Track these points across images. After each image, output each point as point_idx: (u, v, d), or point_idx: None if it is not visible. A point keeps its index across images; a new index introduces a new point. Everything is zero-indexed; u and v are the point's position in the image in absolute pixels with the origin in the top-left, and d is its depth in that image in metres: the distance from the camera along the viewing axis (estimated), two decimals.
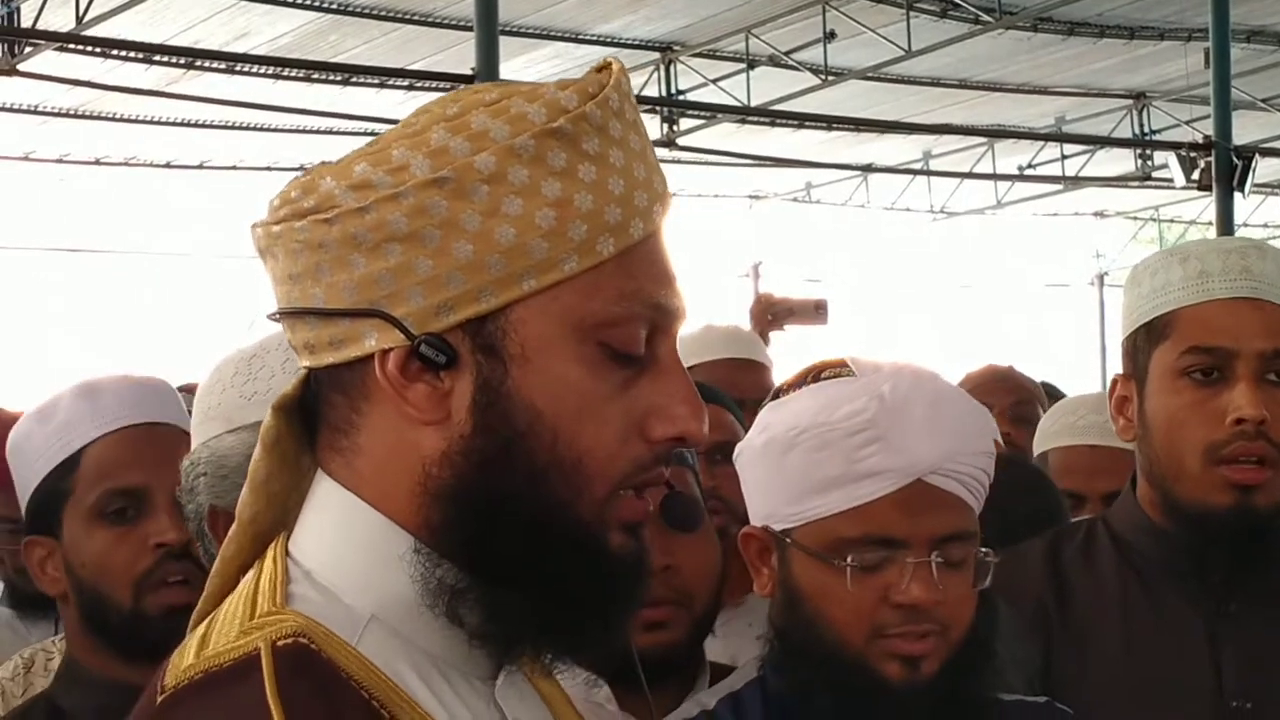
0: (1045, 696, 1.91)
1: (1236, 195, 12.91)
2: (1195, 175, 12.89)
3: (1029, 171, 17.60)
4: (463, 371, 1.13)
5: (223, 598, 1.21)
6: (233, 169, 15.39)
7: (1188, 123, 15.52)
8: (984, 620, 1.74)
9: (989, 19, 12.98)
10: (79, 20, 10.97)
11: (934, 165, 17.70)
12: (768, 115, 14.76)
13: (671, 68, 13.99)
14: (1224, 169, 12.68)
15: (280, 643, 1.10)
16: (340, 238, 1.13)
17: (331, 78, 12.83)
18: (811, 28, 12.96)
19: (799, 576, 1.74)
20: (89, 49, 11.67)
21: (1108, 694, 2.00)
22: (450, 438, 1.13)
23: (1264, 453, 1.96)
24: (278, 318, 1.19)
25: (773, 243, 19.26)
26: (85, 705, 2.07)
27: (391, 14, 12.07)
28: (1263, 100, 15.64)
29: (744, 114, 14.35)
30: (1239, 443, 1.96)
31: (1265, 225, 21.10)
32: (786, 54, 13.48)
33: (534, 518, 1.13)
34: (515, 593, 1.14)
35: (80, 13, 10.94)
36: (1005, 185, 18.35)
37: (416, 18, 12.15)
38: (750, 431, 1.82)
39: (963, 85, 15.06)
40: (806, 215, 19.58)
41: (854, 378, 1.74)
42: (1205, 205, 17.01)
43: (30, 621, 3.07)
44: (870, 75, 14.04)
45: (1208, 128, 13.22)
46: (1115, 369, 2.18)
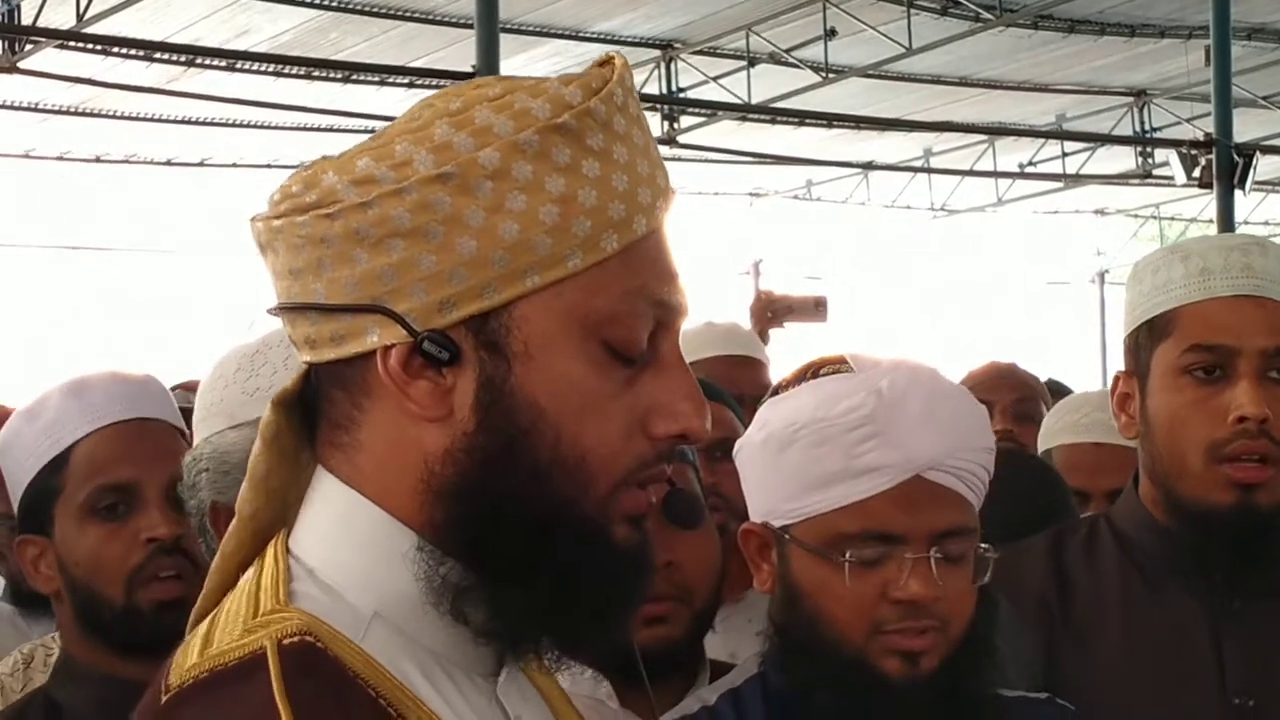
0: (1047, 693, 1.90)
1: (1237, 193, 12.90)
2: (1196, 173, 12.88)
3: (1029, 169, 17.60)
4: (465, 368, 1.12)
5: (222, 594, 1.20)
6: (233, 167, 15.39)
7: (1188, 120, 15.52)
8: (984, 616, 1.74)
9: (990, 16, 12.98)
10: (79, 18, 10.97)
11: (934, 163, 17.69)
12: (768, 113, 14.75)
13: (672, 65, 13.98)
14: (1225, 166, 12.67)
15: (286, 641, 1.09)
16: (343, 233, 1.12)
17: (332, 75, 12.84)
18: (812, 25, 12.95)
19: (798, 573, 1.73)
20: (89, 46, 11.65)
21: (1110, 691, 2.00)
22: (453, 435, 1.13)
23: (1266, 451, 1.96)
24: (278, 312, 1.19)
25: (773, 240, 19.24)
26: (82, 700, 2.07)
27: (392, 11, 12.07)
28: (1263, 98, 15.63)
29: (744, 111, 14.35)
30: (1241, 441, 1.96)
31: (1266, 223, 21.08)
32: (787, 51, 13.47)
33: (537, 515, 1.12)
34: (520, 590, 1.13)
35: (81, 10, 10.94)
36: (1006, 183, 18.35)
37: (417, 15, 12.15)
38: (749, 428, 1.82)
39: (963, 83, 15.05)
40: (807, 213, 19.58)
41: (852, 374, 1.74)
42: (1206, 203, 17.00)
43: (32, 618, 3.06)
44: (871, 73, 14.04)
45: (1208, 125, 13.22)
46: (1116, 367, 2.18)
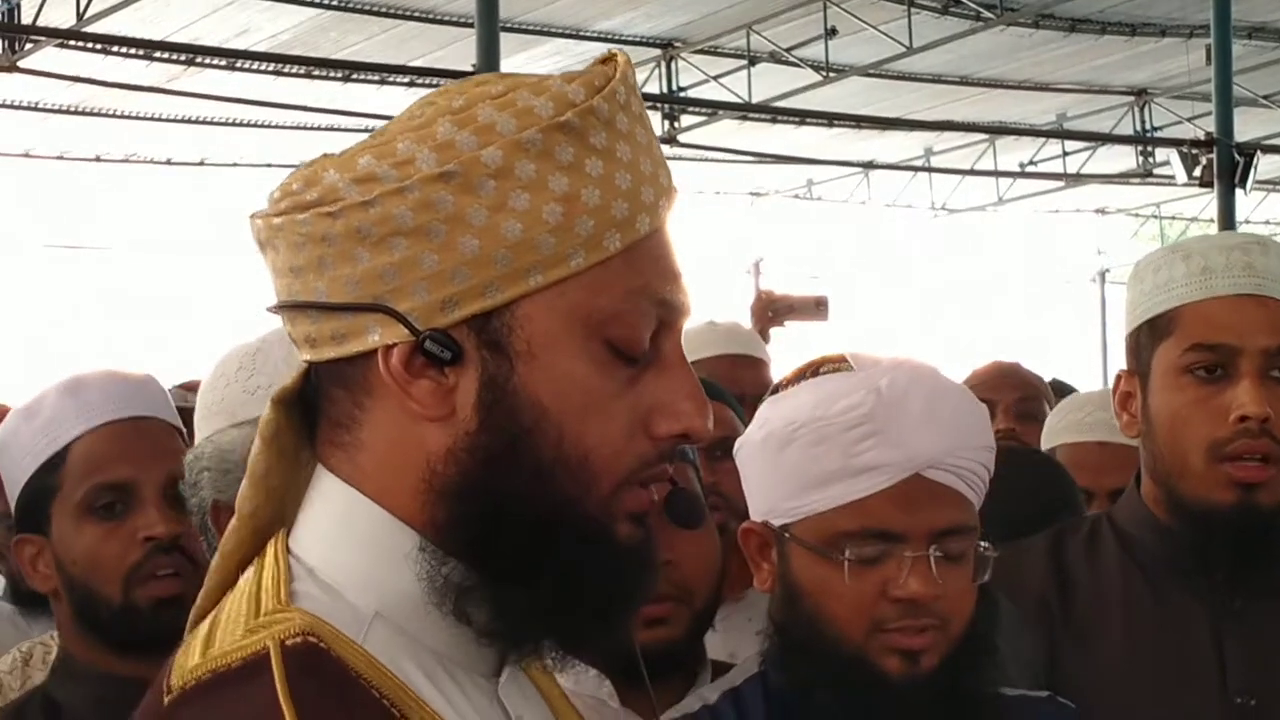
0: (1048, 692, 1.90)
1: (1238, 192, 12.89)
2: (1197, 172, 12.87)
3: (1030, 168, 17.59)
4: (468, 368, 1.12)
5: (222, 593, 1.19)
6: (233, 165, 15.38)
7: (1189, 119, 15.51)
8: (984, 615, 1.73)
9: (990, 15, 12.98)
10: (79, 17, 10.97)
11: (935, 162, 17.68)
12: (769, 112, 14.73)
13: (672, 64, 13.97)
14: (1225, 166, 12.66)
15: (289, 641, 1.09)
16: (344, 231, 1.12)
17: (332, 74, 12.83)
18: (813, 24, 12.94)
19: (798, 571, 1.73)
20: (89, 45, 11.64)
21: (1111, 690, 2.00)
22: (455, 434, 1.12)
23: (1268, 450, 1.96)
24: (278, 310, 1.18)
25: (774, 239, 19.25)
26: (80, 698, 2.08)
27: (392, 10, 12.07)
28: (1264, 97, 15.62)
29: (745, 111, 14.34)
30: (1242, 440, 1.96)
31: (1267, 222, 21.07)
32: (788, 50, 13.46)
33: (540, 515, 1.12)
34: (523, 589, 1.13)
35: (80, 9, 10.94)
36: (1006, 182, 18.34)
37: (417, 14, 12.14)
38: (749, 427, 1.82)
39: (964, 82, 15.05)
40: (807, 212, 19.58)
41: (852, 372, 1.74)
42: (1207, 202, 17.00)
43: (32, 617, 3.06)
44: (872, 72, 14.03)
45: (1209, 124, 13.21)
46: (1117, 366, 2.18)
